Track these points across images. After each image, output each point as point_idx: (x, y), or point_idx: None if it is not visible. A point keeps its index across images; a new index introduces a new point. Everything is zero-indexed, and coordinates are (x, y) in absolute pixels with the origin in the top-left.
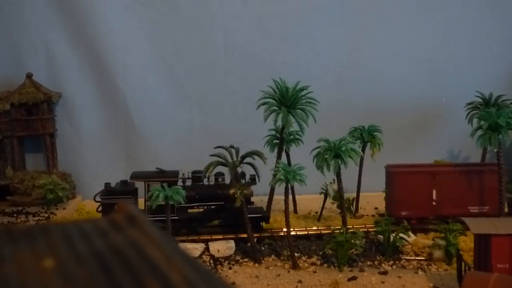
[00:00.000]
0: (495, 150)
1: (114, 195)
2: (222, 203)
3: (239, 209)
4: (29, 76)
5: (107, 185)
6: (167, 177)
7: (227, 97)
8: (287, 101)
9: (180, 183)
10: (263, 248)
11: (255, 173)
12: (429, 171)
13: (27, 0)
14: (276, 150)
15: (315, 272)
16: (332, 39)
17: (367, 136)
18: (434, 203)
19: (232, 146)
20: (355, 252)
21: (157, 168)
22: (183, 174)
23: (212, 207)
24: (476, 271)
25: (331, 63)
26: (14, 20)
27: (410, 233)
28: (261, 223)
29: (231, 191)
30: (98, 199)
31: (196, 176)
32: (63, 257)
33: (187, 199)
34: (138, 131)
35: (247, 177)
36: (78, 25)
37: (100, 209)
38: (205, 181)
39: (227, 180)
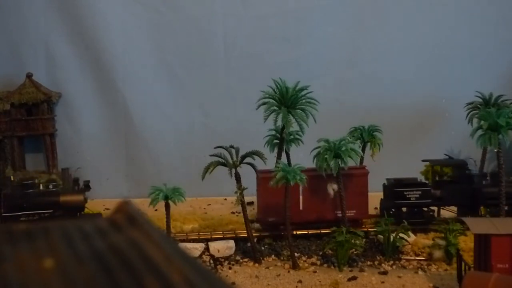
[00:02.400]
0: (495, 150)
1: None
2: (51, 211)
3: (72, 216)
4: (29, 76)
5: None
6: None
7: (227, 97)
8: (287, 101)
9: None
10: (263, 248)
11: (89, 180)
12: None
13: (27, 0)
14: (276, 150)
15: (315, 272)
16: (332, 39)
17: (367, 136)
18: (301, 208)
19: (232, 146)
20: (355, 252)
21: None
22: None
23: (46, 215)
24: (476, 271)
25: (331, 63)
26: (14, 20)
27: (410, 233)
28: None
29: (63, 199)
30: None
31: (25, 184)
32: (63, 257)
33: (14, 208)
34: (138, 131)
35: (81, 183)
36: (78, 25)
37: None
38: (40, 188)
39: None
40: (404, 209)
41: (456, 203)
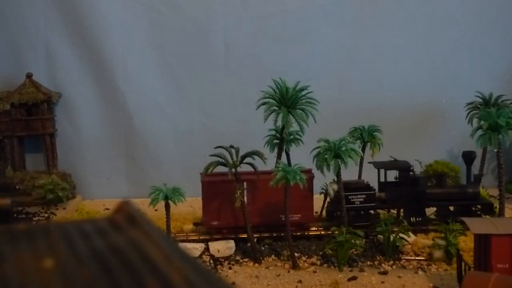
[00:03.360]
0: (495, 150)
1: None
2: None
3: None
4: (29, 76)
5: None
6: None
7: (227, 97)
8: (287, 101)
9: None
10: (263, 248)
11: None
12: (241, 179)
13: (27, 0)
14: (276, 150)
15: (315, 272)
16: (332, 39)
17: (367, 136)
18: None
19: (232, 146)
20: (355, 252)
21: None
22: None
23: None
24: (476, 271)
25: (331, 63)
26: (14, 20)
27: (410, 233)
28: None
29: None
30: None
31: None
32: (63, 257)
33: None
34: (138, 131)
35: None
36: (78, 25)
37: None
38: None
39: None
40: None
41: (401, 205)
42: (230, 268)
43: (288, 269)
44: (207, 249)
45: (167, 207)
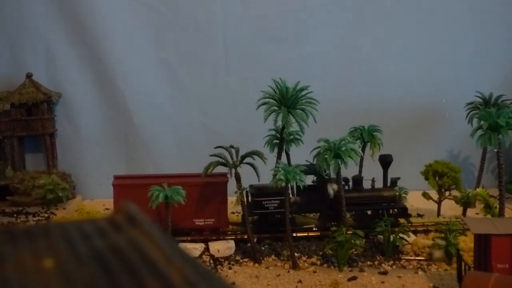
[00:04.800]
0: (495, 150)
1: None
2: None
3: None
4: (29, 76)
5: None
6: None
7: (227, 97)
8: (287, 101)
9: None
10: (263, 248)
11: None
12: (153, 183)
13: (27, 0)
14: (276, 150)
15: (315, 272)
16: (332, 38)
17: (367, 136)
18: (159, 216)
19: (232, 146)
20: (355, 252)
21: None
22: None
23: None
24: (476, 271)
25: (331, 63)
26: (14, 20)
27: (410, 233)
28: None
29: None
30: None
31: None
32: (63, 257)
33: None
34: (138, 131)
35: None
36: (78, 25)
37: None
38: None
39: None
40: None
41: (317, 210)
42: (230, 268)
43: (288, 269)
44: (207, 249)
45: (167, 207)
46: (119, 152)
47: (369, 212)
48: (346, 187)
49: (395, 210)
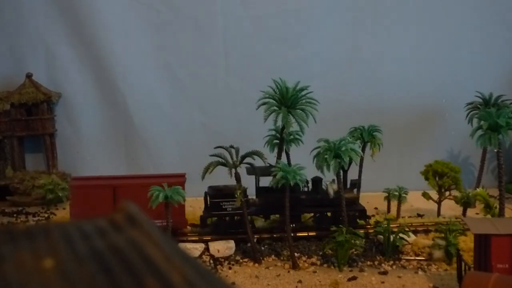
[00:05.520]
0: (495, 150)
1: None
2: None
3: None
4: (29, 76)
5: None
6: None
7: (227, 97)
8: (287, 101)
9: None
10: (263, 248)
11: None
12: (108, 184)
13: (27, 0)
14: (276, 150)
15: (315, 272)
16: (332, 39)
17: (367, 136)
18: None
19: (232, 146)
20: (355, 252)
21: None
22: None
23: None
24: (476, 271)
25: (331, 63)
26: (14, 20)
27: (410, 233)
28: None
29: None
30: None
31: None
32: (63, 257)
33: None
34: (138, 131)
35: None
36: (78, 25)
37: None
38: None
39: None
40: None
41: (277, 211)
42: (230, 268)
43: (288, 269)
44: (207, 249)
45: (167, 207)
46: (119, 152)
47: (329, 214)
48: (306, 189)
49: (355, 212)
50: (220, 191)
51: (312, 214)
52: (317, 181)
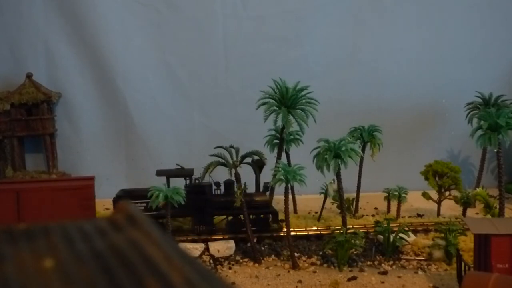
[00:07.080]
0: (495, 150)
1: None
2: None
3: None
4: (29, 76)
5: None
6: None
7: (227, 97)
8: (287, 101)
9: None
10: (263, 248)
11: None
12: (11, 188)
13: (27, 0)
14: (276, 150)
15: (315, 272)
16: (332, 38)
17: (367, 136)
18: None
19: (232, 146)
20: (355, 252)
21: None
22: None
23: None
24: (476, 271)
25: (331, 63)
26: (14, 20)
27: (410, 233)
28: None
29: None
30: None
31: None
32: (63, 257)
33: None
34: (138, 131)
35: None
36: (78, 25)
37: None
38: None
39: None
40: None
41: (190, 213)
42: (230, 268)
43: (288, 269)
44: (207, 249)
45: (167, 207)
46: (119, 152)
47: (242, 217)
48: (218, 192)
49: (267, 214)
50: (130, 192)
51: (225, 217)
52: (229, 183)
